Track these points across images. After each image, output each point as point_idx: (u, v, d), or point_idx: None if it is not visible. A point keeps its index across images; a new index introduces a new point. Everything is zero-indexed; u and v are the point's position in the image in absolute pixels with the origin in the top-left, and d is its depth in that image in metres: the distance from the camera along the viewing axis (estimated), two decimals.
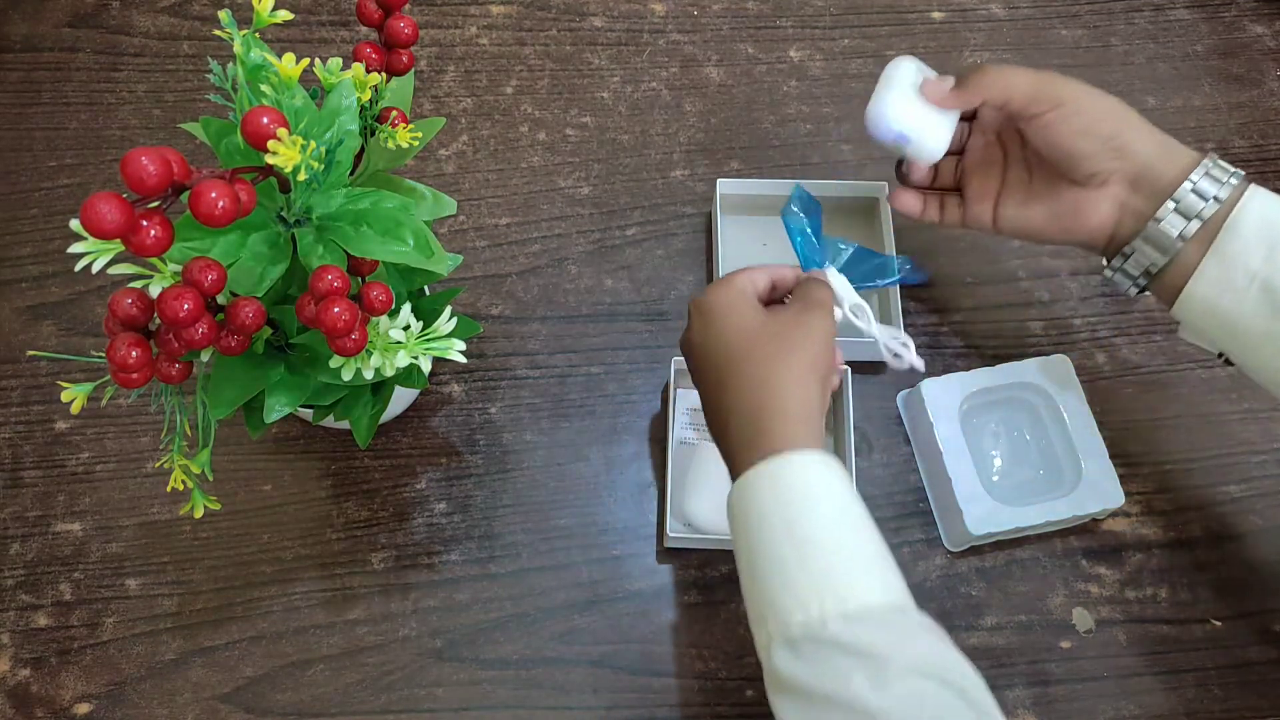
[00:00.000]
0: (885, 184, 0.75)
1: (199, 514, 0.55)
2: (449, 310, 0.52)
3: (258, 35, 0.49)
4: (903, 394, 0.72)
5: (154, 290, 0.46)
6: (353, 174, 0.55)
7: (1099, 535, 0.68)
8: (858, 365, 0.71)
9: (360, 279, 0.50)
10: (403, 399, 0.69)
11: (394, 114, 0.54)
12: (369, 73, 0.51)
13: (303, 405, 0.57)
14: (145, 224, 0.40)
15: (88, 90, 0.83)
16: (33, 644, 0.64)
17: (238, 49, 0.48)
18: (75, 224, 0.39)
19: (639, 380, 0.73)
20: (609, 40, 0.87)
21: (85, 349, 0.72)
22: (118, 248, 0.43)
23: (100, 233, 0.38)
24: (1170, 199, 0.55)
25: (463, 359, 0.51)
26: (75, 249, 0.44)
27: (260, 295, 0.49)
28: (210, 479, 0.55)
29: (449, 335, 0.51)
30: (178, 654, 0.64)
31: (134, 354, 0.45)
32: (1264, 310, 0.53)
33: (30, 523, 0.67)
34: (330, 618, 0.65)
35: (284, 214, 0.48)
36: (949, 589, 0.66)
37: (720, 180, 0.75)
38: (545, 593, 0.66)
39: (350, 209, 0.49)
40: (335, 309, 0.45)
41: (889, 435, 0.71)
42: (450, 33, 0.87)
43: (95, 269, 0.44)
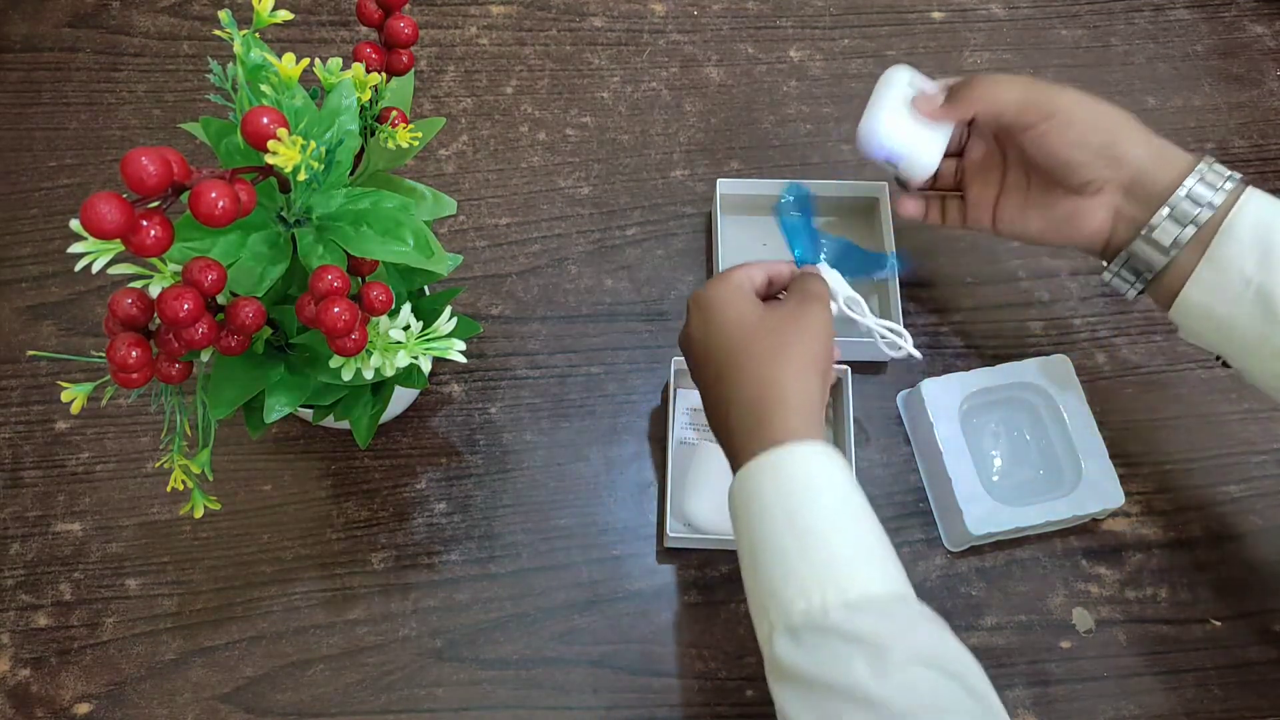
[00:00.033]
0: (885, 184, 0.75)
1: (199, 514, 0.55)
2: (449, 310, 0.52)
3: (258, 35, 0.49)
4: (903, 394, 0.72)
5: (154, 290, 0.46)
6: (353, 174, 0.55)
7: (1099, 535, 0.68)
8: (857, 365, 0.71)
9: (360, 279, 0.50)
10: (403, 399, 0.69)
11: (394, 114, 0.54)
12: (369, 73, 0.51)
13: (303, 405, 0.57)
14: (145, 224, 0.40)
15: (88, 90, 0.83)
16: (33, 644, 0.64)
17: (238, 49, 0.48)
18: (75, 224, 0.39)
19: (639, 380, 0.73)
20: (609, 40, 0.87)
21: (85, 349, 0.72)
22: (118, 248, 0.43)
23: (100, 233, 0.38)
24: (1164, 205, 0.55)
25: (463, 359, 0.51)
26: (75, 249, 0.44)
27: (260, 295, 0.49)
28: (210, 479, 0.55)
29: (449, 335, 0.51)
30: (178, 654, 0.64)
31: (134, 354, 0.45)
32: (1259, 316, 0.53)
33: (30, 523, 0.67)
34: (330, 618, 0.65)
35: (284, 214, 0.48)
36: (949, 589, 0.66)
37: (720, 180, 0.75)
38: (545, 593, 0.66)
39: (350, 209, 0.49)
40: (335, 309, 0.45)
41: (889, 435, 0.71)
42: (450, 33, 0.87)
43: (95, 269, 0.44)
